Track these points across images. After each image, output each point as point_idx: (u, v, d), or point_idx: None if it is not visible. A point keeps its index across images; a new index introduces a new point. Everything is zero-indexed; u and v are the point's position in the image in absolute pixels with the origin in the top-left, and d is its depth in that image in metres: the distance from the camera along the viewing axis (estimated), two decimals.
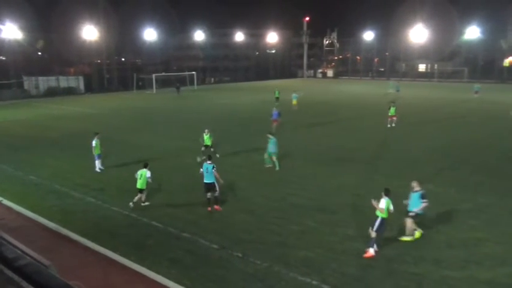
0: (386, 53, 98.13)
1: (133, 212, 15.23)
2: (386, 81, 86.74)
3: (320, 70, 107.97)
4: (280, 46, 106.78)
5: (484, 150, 24.18)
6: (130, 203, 15.53)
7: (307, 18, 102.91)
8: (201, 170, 15.49)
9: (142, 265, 11.21)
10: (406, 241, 12.52)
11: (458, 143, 26.06)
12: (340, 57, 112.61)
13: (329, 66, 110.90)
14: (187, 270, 11.04)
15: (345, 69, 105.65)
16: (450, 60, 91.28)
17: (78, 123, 36.65)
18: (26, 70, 65.57)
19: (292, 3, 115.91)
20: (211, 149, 22.45)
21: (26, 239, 11.69)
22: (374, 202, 12.10)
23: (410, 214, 12.76)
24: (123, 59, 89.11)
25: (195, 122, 34.52)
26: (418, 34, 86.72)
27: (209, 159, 15.56)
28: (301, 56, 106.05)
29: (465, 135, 28.69)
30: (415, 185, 13.11)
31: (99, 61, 77.15)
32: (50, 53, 73.44)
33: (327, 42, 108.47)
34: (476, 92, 51.12)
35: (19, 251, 2.85)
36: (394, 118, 31.84)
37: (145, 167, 15.83)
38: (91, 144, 20.87)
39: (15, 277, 2.51)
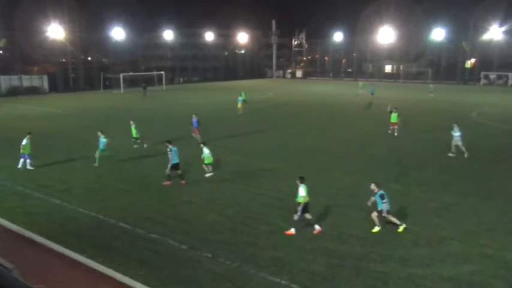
0: (354, 54, 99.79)
1: (100, 213, 14.94)
2: (354, 81, 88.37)
3: (289, 70, 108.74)
4: (249, 46, 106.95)
5: (448, 151, 24.86)
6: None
7: (276, 19, 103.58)
8: (170, 153, 18.03)
9: (109, 267, 11.00)
10: (376, 232, 13.18)
11: (424, 143, 26.72)
12: (309, 57, 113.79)
13: (298, 66, 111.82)
14: (155, 271, 10.91)
15: (314, 70, 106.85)
16: (415, 62, 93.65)
17: (42, 123, 35.67)
18: None
19: (261, 4, 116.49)
20: (138, 141, 25.23)
21: None
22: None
23: (383, 215, 13.29)
24: (89, 58, 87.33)
25: (164, 122, 34.19)
26: (385, 35, 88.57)
27: (170, 143, 18.38)
28: (271, 57, 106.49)
29: (429, 134, 29.41)
30: (373, 187, 13.58)
31: (64, 60, 75.30)
32: (12, 51, 71.17)
33: (296, 42, 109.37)
34: (431, 92, 55.00)
35: None
36: (396, 126, 28.58)
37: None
38: (21, 142, 20.80)
39: None
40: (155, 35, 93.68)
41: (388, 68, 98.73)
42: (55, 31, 69.04)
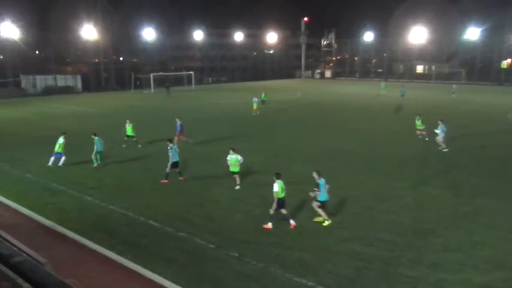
0: (384, 54, 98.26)
1: (129, 210, 15.21)
2: (384, 82, 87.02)
3: (318, 71, 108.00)
4: (278, 46, 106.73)
5: (481, 153, 24.23)
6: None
7: (306, 19, 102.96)
8: (170, 151, 18.59)
9: (138, 264, 11.20)
10: (317, 222, 13.94)
11: (455, 145, 26.10)
12: (338, 58, 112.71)
13: (327, 67, 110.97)
14: (183, 270, 11.03)
15: (343, 70, 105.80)
16: (448, 62, 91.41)
17: (75, 122, 36.59)
18: (23, 69, 65.37)
19: (291, 4, 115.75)
20: (134, 139, 25.62)
21: (22, 236, 11.67)
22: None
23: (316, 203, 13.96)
24: (121, 58, 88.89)
25: (195, 122, 34.49)
26: (417, 35, 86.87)
27: (171, 142, 19.18)
28: (299, 57, 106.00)
29: (460, 137, 28.71)
30: (314, 175, 13.98)
31: (96, 60, 76.94)
32: (48, 51, 73.18)
33: (325, 42, 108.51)
34: (453, 93, 52.91)
35: (15, 248, 2.84)
36: (424, 132, 27.29)
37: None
38: (57, 141, 21.58)
39: (11, 273, 2.51)
40: (185, 36, 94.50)
41: (419, 69, 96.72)
42: (88, 32, 70.65)
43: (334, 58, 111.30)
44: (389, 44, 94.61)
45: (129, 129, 25.75)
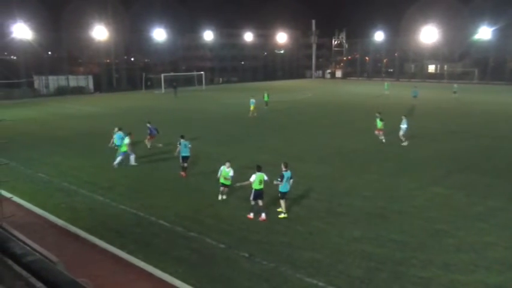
0: (396, 54, 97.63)
1: (140, 210, 15.29)
2: (396, 82, 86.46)
3: (328, 71, 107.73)
4: (288, 46, 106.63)
5: (493, 153, 23.97)
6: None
7: (316, 19, 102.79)
8: (179, 147, 19.61)
9: (149, 263, 11.25)
10: (282, 218, 14.41)
11: (467, 145, 25.86)
12: (349, 57, 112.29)
13: (337, 66, 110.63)
14: (193, 269, 11.06)
15: (354, 70, 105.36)
16: (460, 61, 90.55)
17: (87, 122, 36.92)
18: (36, 69, 66.07)
19: (301, 4, 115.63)
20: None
21: (34, 235, 11.78)
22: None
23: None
24: (132, 59, 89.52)
25: (206, 122, 34.63)
26: (428, 34, 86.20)
27: (183, 137, 19.87)
28: (310, 57, 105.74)
29: (472, 136, 28.44)
30: (282, 166, 14.66)
31: (108, 61, 77.53)
32: (60, 52, 73.91)
33: (336, 42, 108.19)
34: (455, 92, 51.60)
35: (28, 247, 2.87)
36: (381, 132, 26.78)
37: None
38: (122, 141, 21.55)
39: (24, 273, 2.53)
40: (195, 36, 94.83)
41: (431, 68, 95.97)
42: (100, 32, 71.21)
43: (344, 58, 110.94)
44: (400, 43, 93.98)
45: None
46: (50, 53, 77.24)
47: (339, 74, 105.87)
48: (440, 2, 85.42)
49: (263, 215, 14.30)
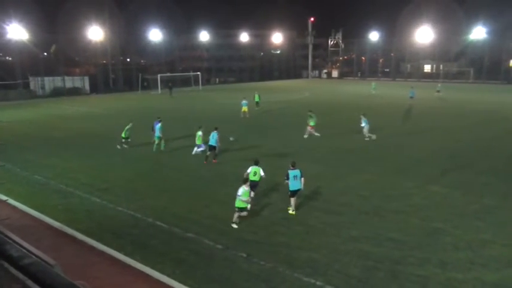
0: (392, 54, 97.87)
1: (138, 212, 15.26)
2: (392, 81, 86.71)
3: (325, 71, 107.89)
4: (285, 47, 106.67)
5: (488, 152, 24.07)
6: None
7: (312, 19, 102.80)
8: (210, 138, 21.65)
9: (147, 265, 11.22)
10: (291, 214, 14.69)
11: (462, 145, 25.94)
12: (345, 57, 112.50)
13: (334, 66, 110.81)
14: (191, 271, 11.05)
15: (350, 70, 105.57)
16: (456, 61, 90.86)
17: (84, 123, 36.82)
18: (32, 70, 65.80)
19: (297, 4, 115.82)
20: (123, 141, 25.92)
21: (31, 238, 11.74)
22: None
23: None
24: (128, 60, 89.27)
25: (203, 121, 34.51)
26: (424, 34, 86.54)
27: (216, 129, 21.77)
28: (306, 57, 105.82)
29: (468, 135, 28.54)
30: (290, 166, 15.12)
31: (104, 61, 77.33)
32: (56, 53, 73.64)
33: (332, 42, 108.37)
34: (438, 91, 51.51)
35: (24, 250, 2.85)
36: (312, 129, 28.15)
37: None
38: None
39: (20, 276, 2.51)
40: (192, 36, 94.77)
41: (427, 68, 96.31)
42: (96, 33, 71.05)
43: (341, 58, 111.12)
44: (396, 43, 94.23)
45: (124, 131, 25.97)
46: (45, 53, 76.97)
47: (335, 74, 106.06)
48: (436, 2, 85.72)
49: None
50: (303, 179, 14.89)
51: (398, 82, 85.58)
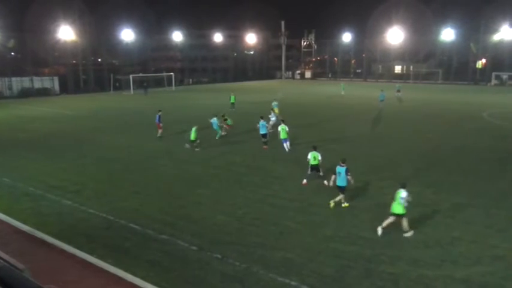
0: (363, 55, 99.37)
1: (110, 214, 15.02)
2: (364, 82, 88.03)
3: (298, 71, 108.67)
4: (258, 47, 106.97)
5: (461, 150, 24.67)
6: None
7: (285, 20, 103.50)
8: (258, 125, 25.07)
9: (120, 268, 11.05)
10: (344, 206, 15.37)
11: (433, 144, 26.52)
12: (318, 58, 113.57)
13: (307, 67, 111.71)
14: (165, 272, 10.95)
15: (323, 71, 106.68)
16: (425, 62, 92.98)
17: (53, 124, 36.02)
18: None
19: (270, 5, 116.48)
20: (198, 141, 25.01)
21: None
22: None
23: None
24: (99, 60, 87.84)
25: (168, 123, 34.31)
26: (394, 36, 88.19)
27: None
28: (280, 58, 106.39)
29: (438, 135, 29.19)
30: (340, 162, 15.66)
31: (74, 62, 75.83)
32: (24, 53, 71.80)
33: (305, 43, 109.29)
34: (398, 91, 49.83)
35: None
36: (228, 128, 29.91)
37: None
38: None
39: None
40: (164, 37, 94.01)
41: (397, 69, 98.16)
42: (66, 33, 69.59)
43: (314, 59, 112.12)
44: (368, 44, 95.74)
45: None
46: (13, 53, 74.96)
47: (308, 74, 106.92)
48: (406, 4, 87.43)
49: (305, 181, 18.14)
50: (349, 176, 15.31)
51: (369, 83, 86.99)
